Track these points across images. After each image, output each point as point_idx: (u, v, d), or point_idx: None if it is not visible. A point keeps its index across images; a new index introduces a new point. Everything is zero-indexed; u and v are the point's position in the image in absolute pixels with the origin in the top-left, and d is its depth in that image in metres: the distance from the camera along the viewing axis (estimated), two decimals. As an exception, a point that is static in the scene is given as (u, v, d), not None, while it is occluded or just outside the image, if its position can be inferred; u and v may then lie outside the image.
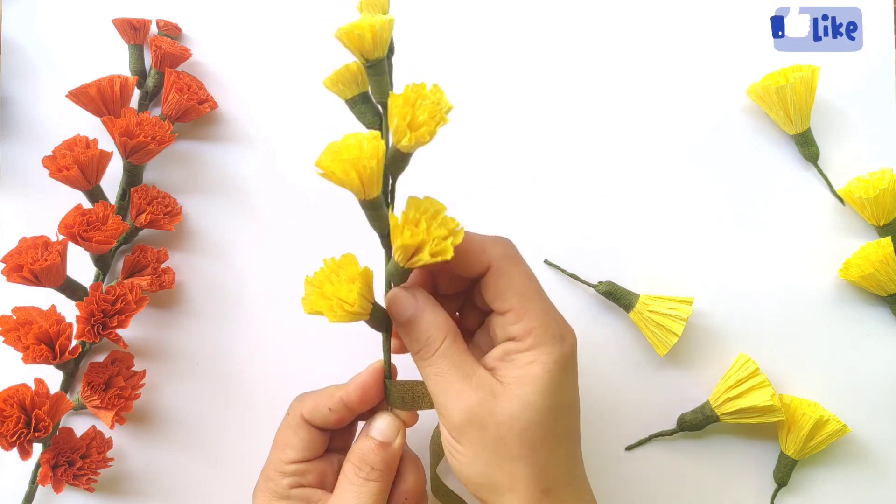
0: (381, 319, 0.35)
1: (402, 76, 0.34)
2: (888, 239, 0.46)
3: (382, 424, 0.36)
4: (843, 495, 0.47)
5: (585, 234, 0.48)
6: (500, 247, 0.34)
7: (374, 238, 0.34)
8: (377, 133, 0.31)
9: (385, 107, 0.34)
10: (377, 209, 0.33)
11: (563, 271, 0.47)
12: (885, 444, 0.47)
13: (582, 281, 0.47)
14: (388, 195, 0.34)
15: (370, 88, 0.34)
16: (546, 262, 0.48)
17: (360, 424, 0.38)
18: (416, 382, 0.37)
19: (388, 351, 0.37)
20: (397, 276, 0.34)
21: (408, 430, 0.38)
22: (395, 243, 0.32)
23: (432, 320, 0.34)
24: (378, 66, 0.33)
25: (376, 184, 0.32)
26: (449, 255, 0.31)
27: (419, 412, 0.38)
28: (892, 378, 0.47)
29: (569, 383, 0.34)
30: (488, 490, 0.33)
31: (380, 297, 0.34)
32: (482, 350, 0.36)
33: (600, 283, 0.47)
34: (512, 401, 0.32)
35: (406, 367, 0.38)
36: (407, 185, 0.35)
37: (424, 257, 0.31)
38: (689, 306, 0.45)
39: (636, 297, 0.46)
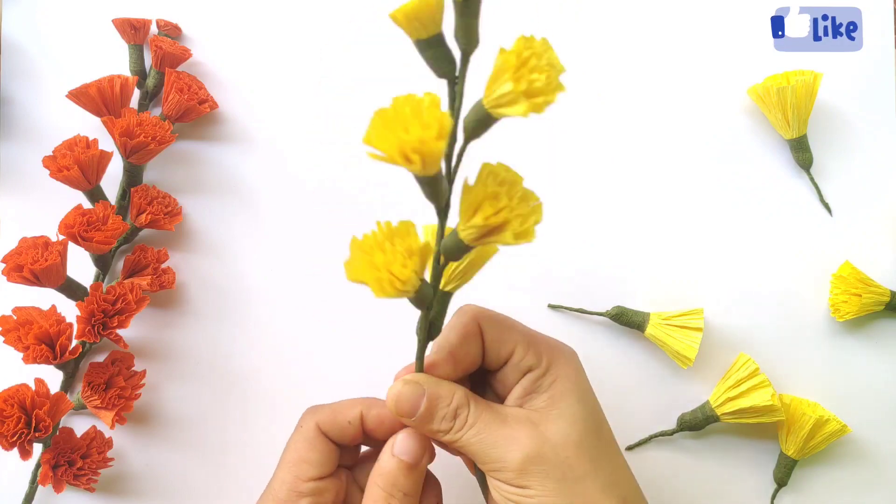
0: (425, 296, 0.30)
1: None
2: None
3: (411, 443, 0.33)
4: (843, 495, 0.47)
5: (580, 261, 0.48)
6: (470, 310, 0.35)
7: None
8: (437, 99, 0.25)
9: (465, 55, 0.28)
10: (436, 184, 0.28)
11: (569, 308, 0.47)
12: (885, 444, 0.47)
13: (589, 312, 0.47)
14: (452, 159, 0.29)
15: (455, 31, 0.28)
16: (550, 305, 0.47)
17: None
18: None
19: (422, 350, 0.32)
20: (455, 252, 0.29)
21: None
22: (473, 220, 0.27)
23: (448, 392, 0.32)
24: (475, 4, 0.27)
25: (439, 162, 0.27)
26: (532, 238, 0.26)
27: None
28: (891, 378, 0.47)
29: (591, 389, 0.35)
30: None
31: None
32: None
33: (609, 309, 0.46)
34: (556, 420, 0.32)
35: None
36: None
37: (506, 238, 0.27)
38: (700, 319, 0.45)
39: (646, 315, 0.46)
